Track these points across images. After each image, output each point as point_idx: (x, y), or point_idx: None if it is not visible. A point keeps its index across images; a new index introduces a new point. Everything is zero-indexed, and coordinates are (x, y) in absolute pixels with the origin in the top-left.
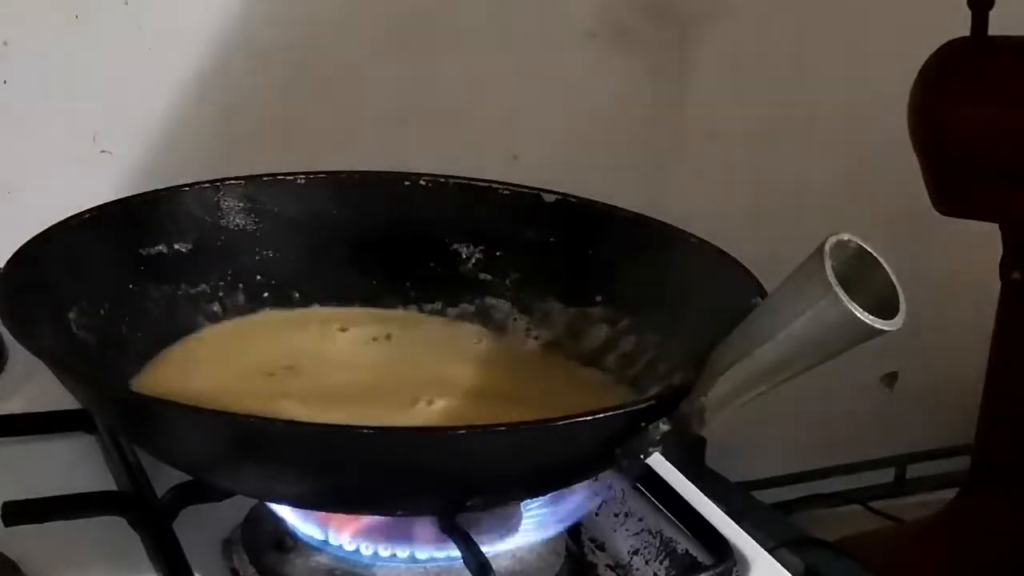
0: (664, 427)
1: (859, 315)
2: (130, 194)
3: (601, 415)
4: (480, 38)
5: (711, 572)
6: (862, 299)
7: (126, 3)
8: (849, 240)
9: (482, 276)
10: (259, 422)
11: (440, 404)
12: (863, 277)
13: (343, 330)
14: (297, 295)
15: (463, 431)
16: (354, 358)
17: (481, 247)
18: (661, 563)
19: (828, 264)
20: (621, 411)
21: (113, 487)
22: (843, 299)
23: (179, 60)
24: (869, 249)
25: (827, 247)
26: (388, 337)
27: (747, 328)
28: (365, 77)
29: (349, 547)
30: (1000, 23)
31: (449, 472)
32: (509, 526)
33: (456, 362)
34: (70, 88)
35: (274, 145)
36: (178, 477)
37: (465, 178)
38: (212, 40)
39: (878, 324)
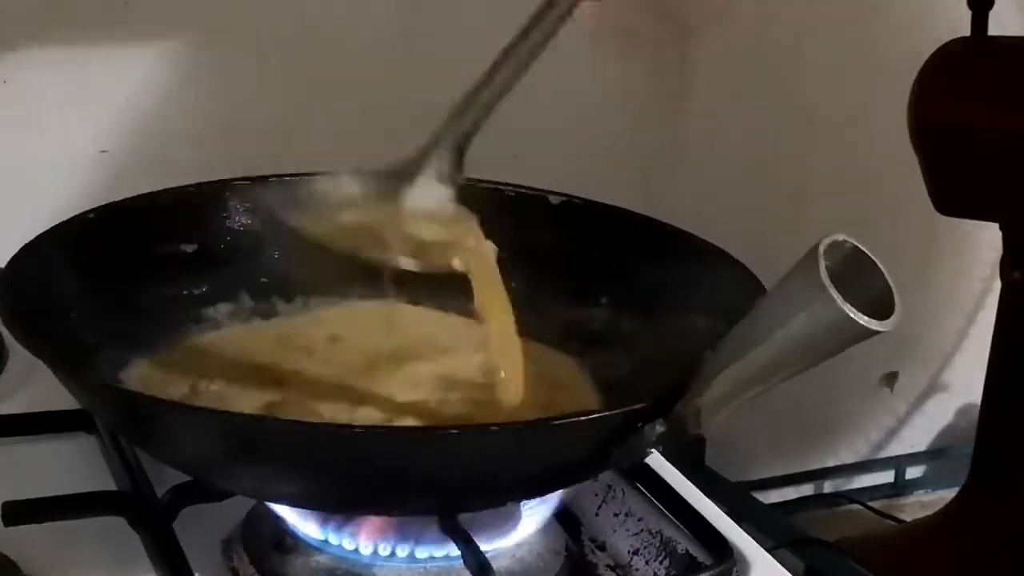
0: (660, 428)
1: (853, 316)
2: (129, 195)
3: (597, 416)
4: (480, 37)
5: (711, 572)
6: (857, 299)
7: (126, 2)
8: (844, 240)
9: None
10: (257, 421)
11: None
12: (858, 277)
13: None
14: (301, 295)
15: (458, 431)
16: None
17: None
18: (661, 563)
19: (822, 265)
20: (618, 412)
21: (113, 487)
22: (837, 300)
23: (179, 59)
24: (864, 249)
25: (821, 248)
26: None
27: (742, 329)
28: (365, 77)
29: (349, 547)
30: (1000, 23)
31: (445, 472)
32: (509, 525)
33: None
34: (70, 89)
35: (274, 145)
36: (178, 477)
37: (470, 179)
38: (212, 39)
39: (873, 325)
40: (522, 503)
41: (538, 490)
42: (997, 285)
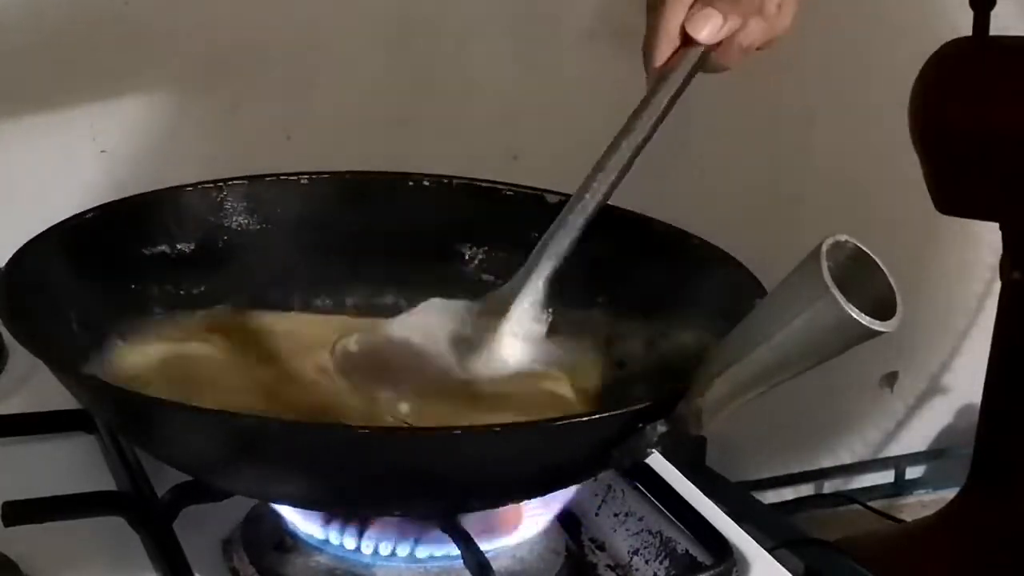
0: (661, 428)
1: (856, 316)
2: (129, 194)
3: (598, 416)
4: (480, 38)
5: (711, 572)
6: (859, 300)
7: (126, 3)
8: (846, 241)
9: (484, 277)
10: (257, 421)
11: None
12: (860, 278)
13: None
14: (298, 295)
15: (459, 432)
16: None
17: (484, 248)
18: (661, 563)
19: (824, 265)
20: (619, 412)
21: (113, 487)
22: (840, 301)
23: (178, 60)
24: (866, 250)
25: (824, 248)
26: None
27: (744, 330)
28: (365, 77)
29: (349, 547)
30: (1001, 23)
31: (445, 473)
32: (509, 525)
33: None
34: (70, 88)
35: (274, 145)
36: (178, 477)
37: (468, 179)
38: (211, 40)
39: (875, 326)
40: (524, 504)
41: (539, 490)
42: (997, 285)
